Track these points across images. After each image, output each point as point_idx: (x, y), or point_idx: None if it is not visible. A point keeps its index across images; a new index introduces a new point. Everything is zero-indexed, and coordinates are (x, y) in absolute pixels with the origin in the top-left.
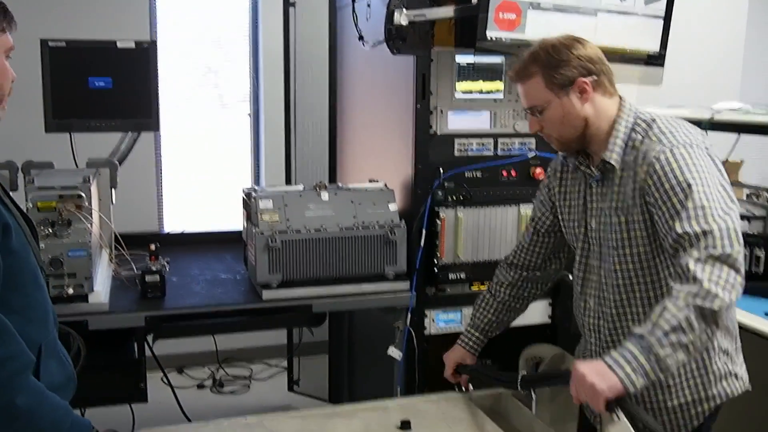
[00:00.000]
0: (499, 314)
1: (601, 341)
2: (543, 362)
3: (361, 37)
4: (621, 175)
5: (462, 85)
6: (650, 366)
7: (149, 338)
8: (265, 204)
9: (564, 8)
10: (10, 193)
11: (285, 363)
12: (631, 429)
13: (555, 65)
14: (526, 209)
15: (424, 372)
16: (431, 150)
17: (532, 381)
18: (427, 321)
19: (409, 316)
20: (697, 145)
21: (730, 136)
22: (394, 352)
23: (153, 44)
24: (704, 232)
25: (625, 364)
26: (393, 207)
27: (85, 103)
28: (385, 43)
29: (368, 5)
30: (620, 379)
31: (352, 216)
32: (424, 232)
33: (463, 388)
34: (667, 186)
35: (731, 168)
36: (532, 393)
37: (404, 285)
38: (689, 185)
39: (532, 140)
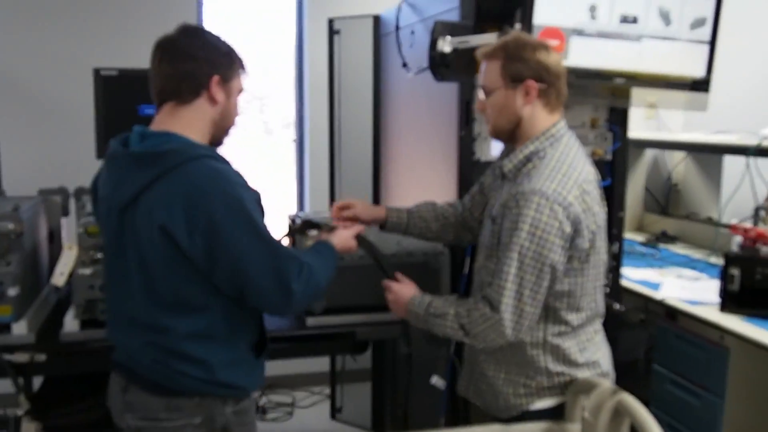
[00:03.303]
0: (425, 213)
1: None
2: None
3: (405, 64)
4: (508, 187)
5: None
6: (419, 320)
7: None
8: (312, 233)
9: (608, 34)
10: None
11: (328, 390)
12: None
13: (515, 58)
14: None
15: (469, 402)
16: (475, 177)
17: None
18: None
19: (453, 344)
20: (553, 198)
21: None
22: (438, 381)
23: None
24: (495, 307)
25: (412, 310)
26: None
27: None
28: (428, 70)
29: (412, 32)
30: (405, 312)
31: (396, 243)
32: (467, 259)
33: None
34: (507, 224)
35: None
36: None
37: None
38: (516, 233)
39: None
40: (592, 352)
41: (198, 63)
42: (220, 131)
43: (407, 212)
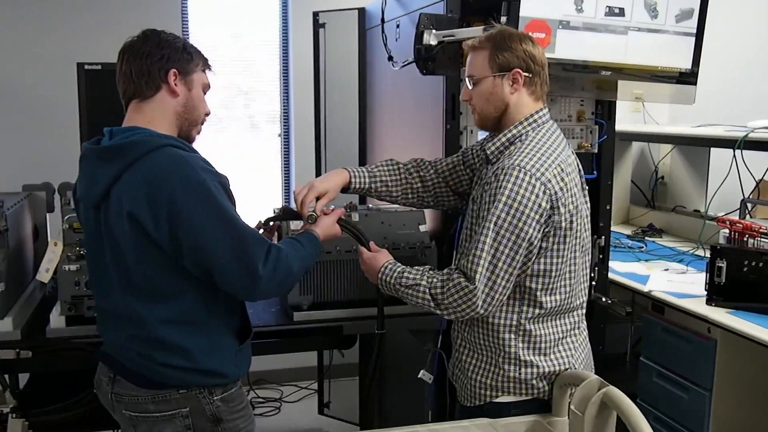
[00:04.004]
0: (387, 176)
1: None
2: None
3: (390, 58)
4: (490, 168)
5: None
6: (390, 288)
7: None
8: (295, 225)
9: (594, 27)
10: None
11: (315, 385)
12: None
13: (503, 48)
14: None
15: (456, 395)
16: None
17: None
18: None
19: (440, 338)
20: (532, 173)
21: (766, 155)
22: (425, 375)
23: None
24: (470, 277)
25: (383, 278)
26: (423, 228)
27: (119, 125)
28: (414, 64)
29: (397, 26)
30: (377, 279)
31: (383, 237)
32: (454, 253)
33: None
34: (486, 198)
35: (766, 187)
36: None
37: None
38: (495, 205)
39: None
40: (565, 348)
41: (153, 59)
42: (187, 124)
43: (369, 175)
